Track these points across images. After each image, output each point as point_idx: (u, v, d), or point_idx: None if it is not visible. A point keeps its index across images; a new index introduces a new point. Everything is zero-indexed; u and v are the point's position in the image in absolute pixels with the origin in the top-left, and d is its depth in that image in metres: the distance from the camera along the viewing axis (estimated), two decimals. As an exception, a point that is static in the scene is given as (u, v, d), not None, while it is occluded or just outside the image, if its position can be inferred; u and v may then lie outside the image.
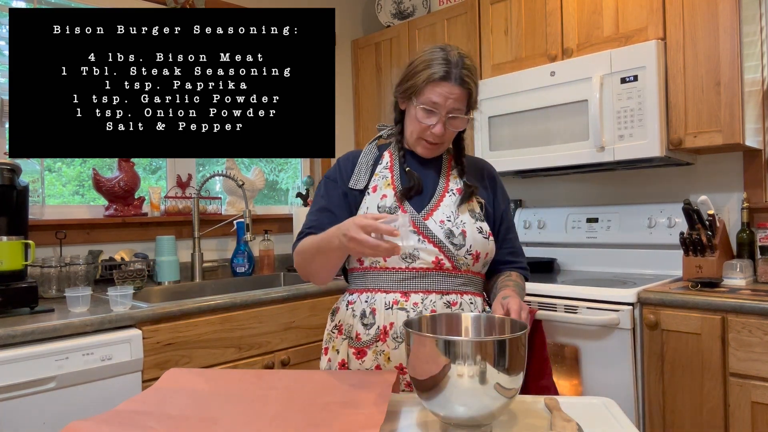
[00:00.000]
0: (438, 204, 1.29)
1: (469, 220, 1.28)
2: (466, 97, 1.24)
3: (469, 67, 1.25)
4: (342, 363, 1.29)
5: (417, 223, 1.26)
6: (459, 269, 1.26)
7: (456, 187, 1.32)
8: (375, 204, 1.29)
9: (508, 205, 1.43)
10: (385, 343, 1.23)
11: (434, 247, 1.24)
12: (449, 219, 1.27)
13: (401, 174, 1.33)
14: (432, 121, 1.25)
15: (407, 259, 1.25)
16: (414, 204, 1.29)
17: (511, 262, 1.39)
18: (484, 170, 1.41)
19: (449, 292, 1.25)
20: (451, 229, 1.26)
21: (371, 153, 1.38)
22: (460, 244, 1.25)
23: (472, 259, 1.27)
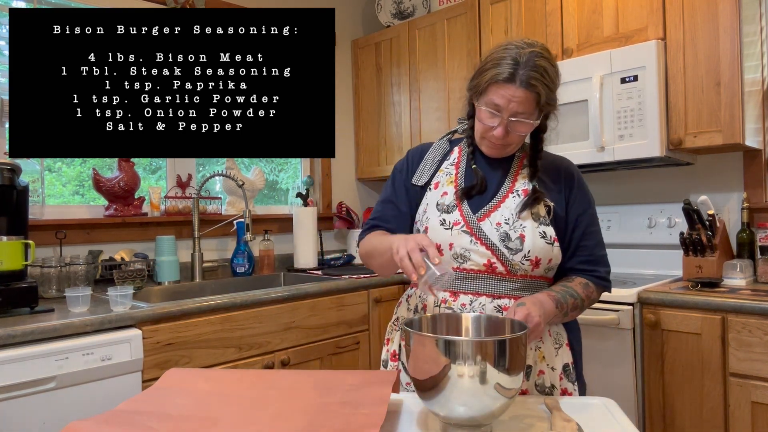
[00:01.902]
0: (498, 205, 1.23)
1: (530, 224, 1.21)
2: (532, 100, 1.16)
3: (540, 67, 1.15)
4: (394, 353, 1.32)
5: (471, 223, 1.22)
6: (514, 273, 1.20)
7: (523, 188, 1.25)
8: (435, 200, 1.27)
9: (588, 208, 1.31)
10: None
11: (486, 250, 1.20)
12: (507, 222, 1.21)
13: (467, 171, 1.29)
14: (493, 123, 1.19)
15: (458, 259, 1.22)
16: (473, 203, 1.24)
17: (585, 272, 1.27)
18: (560, 170, 1.31)
19: (501, 296, 1.20)
20: (508, 233, 1.20)
21: (440, 148, 1.35)
22: (517, 249, 1.19)
23: (530, 265, 1.20)
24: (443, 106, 2.84)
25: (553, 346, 1.24)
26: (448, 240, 1.22)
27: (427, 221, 1.26)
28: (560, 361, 1.23)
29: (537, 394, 1.19)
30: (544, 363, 1.22)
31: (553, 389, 1.21)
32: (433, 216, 1.25)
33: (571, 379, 1.24)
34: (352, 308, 2.31)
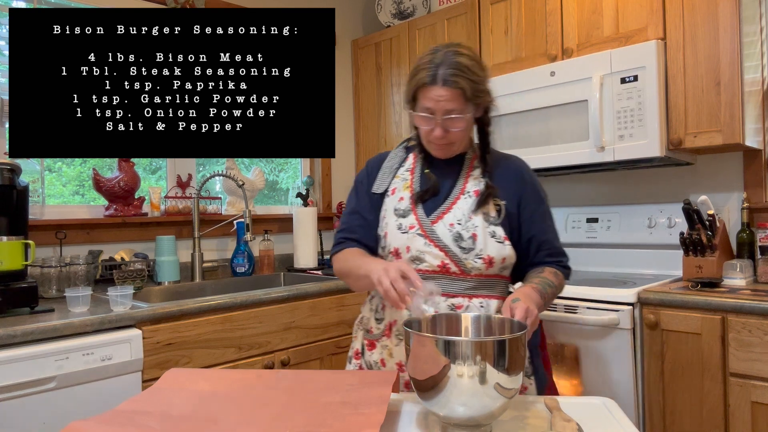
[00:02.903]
0: (450, 207, 1.27)
1: (481, 224, 1.25)
2: (459, 96, 1.20)
3: (457, 64, 1.20)
4: (357, 352, 1.36)
5: (425, 226, 1.26)
6: (468, 273, 1.24)
7: (474, 188, 1.29)
8: (392, 206, 1.31)
9: (542, 204, 1.34)
10: (389, 338, 1.28)
11: (440, 251, 1.24)
12: (459, 222, 1.25)
13: (421, 176, 1.33)
14: (430, 126, 1.24)
15: (415, 261, 1.26)
16: (428, 207, 1.28)
17: (551, 263, 1.32)
18: (511, 169, 1.34)
19: (456, 295, 1.24)
20: (461, 233, 1.24)
21: (397, 156, 1.40)
22: (469, 248, 1.23)
23: (483, 264, 1.24)
24: (443, 106, 2.84)
25: None
26: (404, 243, 1.26)
27: (386, 227, 1.30)
28: None
29: None
30: None
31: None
32: (390, 221, 1.30)
33: (527, 374, 1.28)
34: (352, 308, 2.31)
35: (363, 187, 1.39)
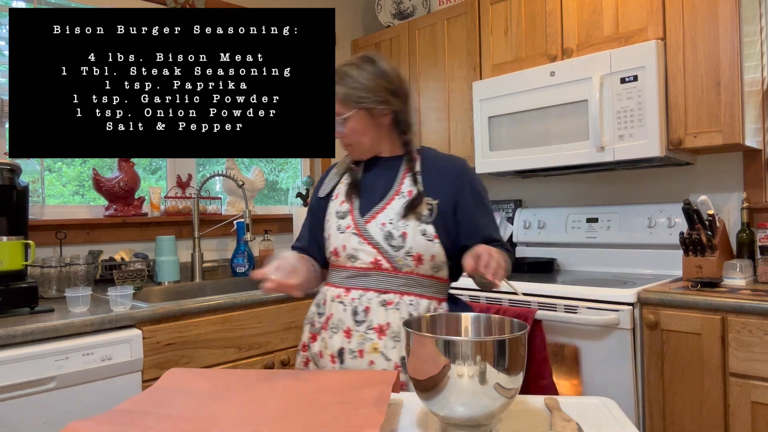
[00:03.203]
0: (384, 207, 1.35)
1: (412, 223, 1.32)
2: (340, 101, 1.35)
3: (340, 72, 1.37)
4: (304, 345, 1.45)
5: (359, 226, 1.36)
6: (400, 270, 1.32)
7: (408, 189, 1.36)
8: (334, 210, 1.42)
9: (481, 199, 1.40)
10: (326, 331, 1.37)
11: (372, 249, 1.33)
12: (391, 222, 1.33)
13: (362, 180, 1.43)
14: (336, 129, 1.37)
15: (351, 259, 1.36)
16: (364, 208, 1.38)
17: None
18: (449, 169, 1.40)
19: (387, 291, 1.32)
20: (391, 232, 1.32)
21: (344, 163, 1.50)
22: (399, 246, 1.31)
23: (413, 261, 1.31)
24: (443, 106, 2.84)
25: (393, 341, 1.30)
26: (342, 242, 1.37)
27: (329, 228, 1.41)
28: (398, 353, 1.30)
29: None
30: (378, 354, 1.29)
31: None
32: (332, 223, 1.41)
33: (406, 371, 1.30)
34: (352, 308, 2.31)
35: (313, 198, 1.52)
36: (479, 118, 2.56)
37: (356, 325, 1.32)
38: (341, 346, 1.32)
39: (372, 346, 1.29)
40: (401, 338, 1.29)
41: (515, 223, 2.84)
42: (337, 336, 1.33)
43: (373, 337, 1.30)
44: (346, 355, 1.31)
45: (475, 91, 2.57)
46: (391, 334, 1.29)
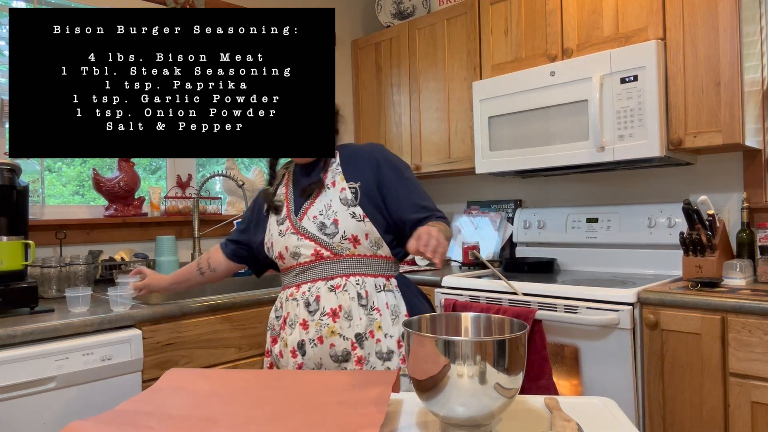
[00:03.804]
0: (313, 202, 1.45)
1: (341, 208, 1.41)
2: None
3: None
4: (267, 351, 1.52)
5: (295, 224, 1.45)
6: (340, 254, 1.41)
7: (331, 181, 1.46)
8: (275, 219, 1.51)
9: (402, 173, 1.47)
10: (284, 330, 1.43)
11: (310, 242, 1.42)
12: (321, 213, 1.42)
13: (293, 186, 1.53)
14: None
15: (295, 257, 1.44)
16: (296, 207, 1.48)
17: (427, 218, 1.44)
18: (362, 155, 1.49)
19: (333, 276, 1.41)
20: (323, 222, 1.41)
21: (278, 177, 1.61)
22: (333, 233, 1.40)
23: (350, 243, 1.40)
24: (443, 106, 2.84)
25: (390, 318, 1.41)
26: (284, 244, 1.46)
27: (271, 237, 1.50)
28: (398, 330, 1.41)
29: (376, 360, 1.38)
30: (381, 332, 1.39)
31: (391, 354, 1.39)
32: (274, 231, 1.50)
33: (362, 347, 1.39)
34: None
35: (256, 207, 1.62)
36: (479, 118, 2.56)
37: (310, 315, 1.39)
38: (300, 338, 1.39)
39: (329, 330, 1.37)
40: (352, 317, 1.38)
41: (515, 223, 2.84)
42: (295, 330, 1.40)
43: (328, 322, 1.37)
44: (306, 346, 1.38)
45: (475, 91, 2.57)
46: (344, 314, 1.37)
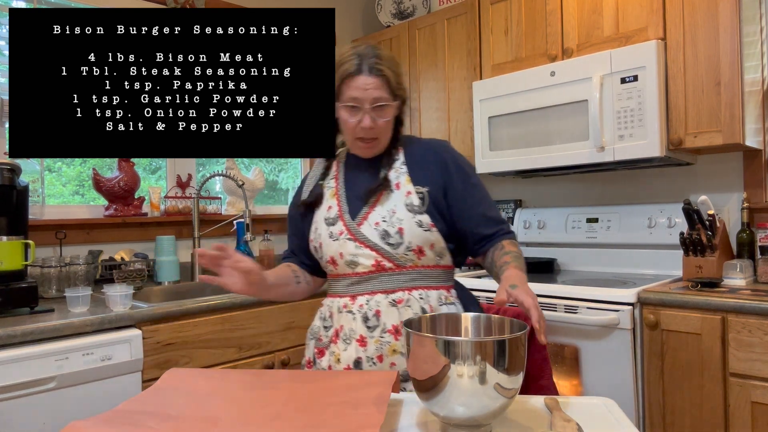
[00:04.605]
0: (374, 206, 1.29)
1: (406, 216, 1.26)
2: (385, 84, 1.25)
3: (381, 55, 1.27)
4: (309, 361, 1.37)
5: (352, 230, 1.29)
6: (403, 266, 1.27)
7: (396, 182, 1.30)
8: (322, 217, 1.34)
9: (469, 179, 1.34)
10: (336, 344, 1.29)
11: (371, 251, 1.27)
12: (384, 219, 1.27)
13: (346, 181, 1.37)
14: (358, 117, 1.25)
15: (350, 266, 1.29)
16: (353, 210, 1.31)
17: (494, 234, 1.33)
18: (430, 154, 1.35)
19: (395, 290, 1.27)
20: (387, 230, 1.26)
21: (319, 166, 1.43)
22: (398, 243, 1.26)
23: (415, 254, 1.27)
24: (443, 106, 2.84)
25: None
26: (337, 250, 1.30)
27: (320, 237, 1.33)
28: None
29: None
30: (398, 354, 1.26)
31: None
32: (323, 231, 1.33)
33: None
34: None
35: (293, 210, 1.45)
36: (479, 118, 2.56)
37: (369, 331, 1.25)
38: (357, 356, 1.26)
39: (390, 348, 1.24)
40: None
41: (515, 223, 2.84)
42: (351, 347, 1.26)
43: (390, 340, 1.24)
44: (364, 364, 1.25)
45: (475, 91, 2.57)
46: None
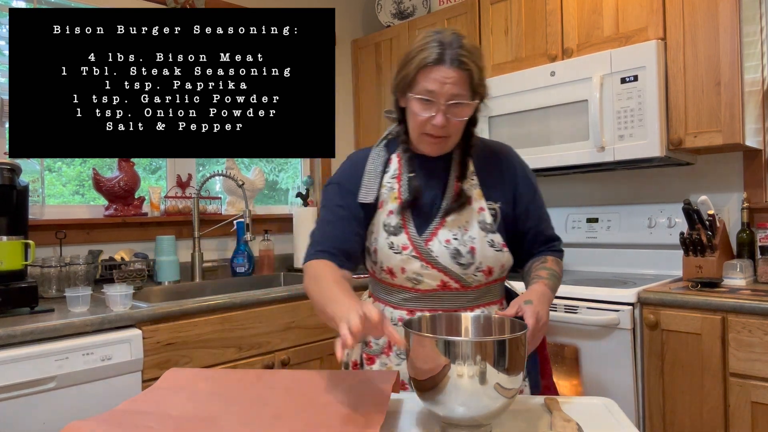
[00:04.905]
0: (443, 221, 1.17)
1: (479, 234, 1.16)
2: (466, 79, 1.08)
3: (467, 46, 1.09)
4: (354, 363, 1.29)
5: (419, 248, 1.16)
6: (469, 286, 1.18)
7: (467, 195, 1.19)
8: (381, 221, 1.19)
9: (535, 194, 1.26)
10: (389, 357, 1.23)
11: (438, 272, 1.16)
12: (456, 237, 1.15)
13: (409, 183, 1.19)
14: (431, 112, 1.10)
15: (411, 282, 1.18)
16: (419, 221, 1.18)
17: (547, 250, 1.28)
18: (500, 162, 1.24)
19: (458, 309, 1.18)
20: (458, 248, 1.15)
21: (379, 158, 1.23)
22: (469, 263, 1.15)
23: (484, 275, 1.18)
24: (443, 106, 2.84)
25: None
26: (399, 264, 1.18)
27: (375, 242, 1.20)
28: None
29: None
30: None
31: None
32: (380, 238, 1.19)
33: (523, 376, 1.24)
34: (352, 308, 2.31)
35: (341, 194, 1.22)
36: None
37: None
38: None
39: None
40: None
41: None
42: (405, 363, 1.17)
43: None
44: None
45: (475, 91, 2.56)
46: None
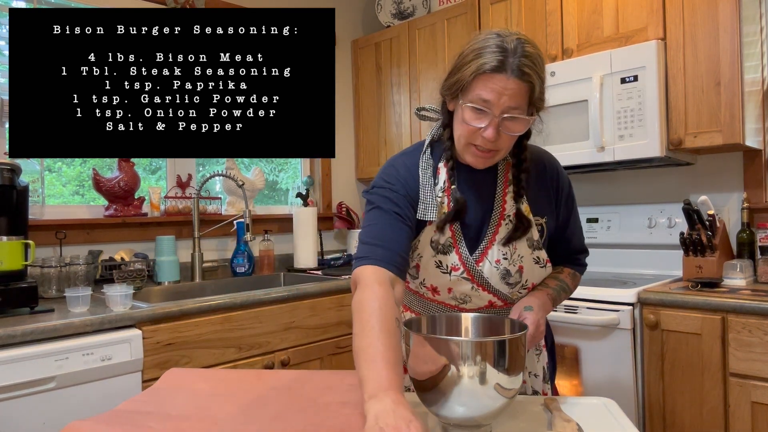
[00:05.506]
0: (493, 239, 1.11)
1: (526, 252, 1.12)
2: (526, 92, 0.99)
3: (531, 55, 0.98)
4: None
5: (471, 269, 1.11)
6: (512, 303, 1.18)
7: (513, 211, 1.11)
8: (428, 237, 1.12)
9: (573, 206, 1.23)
10: None
11: (488, 294, 1.14)
12: (506, 257, 1.11)
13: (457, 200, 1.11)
14: (482, 123, 1.00)
15: (457, 300, 1.15)
16: (468, 238, 1.11)
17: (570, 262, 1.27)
18: (545, 171, 1.17)
19: None
20: (508, 269, 1.11)
21: (429, 168, 1.13)
22: (516, 282, 1.13)
23: (527, 291, 1.18)
24: (443, 106, 2.84)
25: (533, 353, 1.22)
26: (446, 285, 1.13)
27: (419, 259, 1.14)
28: (540, 366, 1.23)
29: None
30: (526, 372, 1.21)
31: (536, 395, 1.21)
32: (426, 255, 1.13)
33: (546, 380, 1.24)
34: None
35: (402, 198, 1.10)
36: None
37: None
38: None
39: None
40: None
41: (515, 223, 2.84)
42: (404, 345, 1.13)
43: None
44: None
45: (475, 91, 2.56)
46: None
